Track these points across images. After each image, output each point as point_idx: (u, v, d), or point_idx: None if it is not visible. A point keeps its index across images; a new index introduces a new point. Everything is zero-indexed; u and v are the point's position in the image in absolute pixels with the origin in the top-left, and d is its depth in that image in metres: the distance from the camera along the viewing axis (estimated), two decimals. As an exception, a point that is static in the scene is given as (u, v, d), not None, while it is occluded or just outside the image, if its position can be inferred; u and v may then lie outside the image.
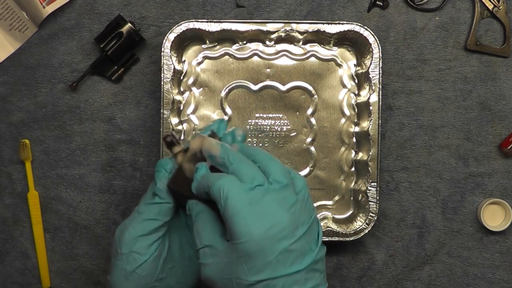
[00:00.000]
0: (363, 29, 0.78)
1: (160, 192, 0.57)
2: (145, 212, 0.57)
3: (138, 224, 0.56)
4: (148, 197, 0.58)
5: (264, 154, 0.54)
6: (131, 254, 0.56)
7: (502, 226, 0.82)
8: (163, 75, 0.78)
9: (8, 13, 0.82)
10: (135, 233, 0.56)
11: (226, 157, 0.53)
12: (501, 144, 0.82)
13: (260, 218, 0.48)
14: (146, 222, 0.56)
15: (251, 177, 0.50)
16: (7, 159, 0.83)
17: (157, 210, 0.56)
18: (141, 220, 0.56)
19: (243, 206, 0.48)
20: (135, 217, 0.57)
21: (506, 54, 0.82)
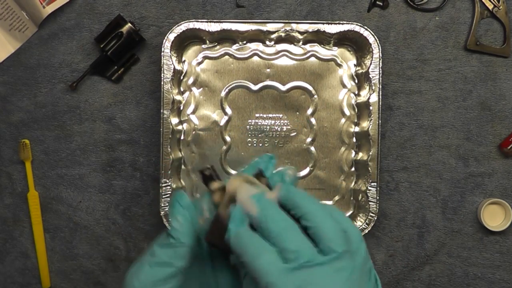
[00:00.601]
0: (363, 29, 0.78)
1: (174, 232, 0.48)
2: (158, 255, 0.48)
3: (149, 269, 0.48)
4: (161, 238, 0.50)
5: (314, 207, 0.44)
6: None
7: (502, 226, 0.82)
8: (163, 75, 0.78)
9: (8, 13, 0.82)
10: (145, 280, 0.47)
11: (264, 222, 0.43)
12: (501, 144, 0.82)
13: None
14: (159, 267, 0.48)
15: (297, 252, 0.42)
16: (7, 159, 0.83)
17: (172, 254, 0.48)
18: (153, 264, 0.48)
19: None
20: (146, 260, 0.49)
21: (506, 54, 0.82)
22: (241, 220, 0.45)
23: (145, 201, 0.83)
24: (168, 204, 0.78)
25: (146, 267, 0.48)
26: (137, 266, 0.49)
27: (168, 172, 0.77)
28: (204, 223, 0.49)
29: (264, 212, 0.44)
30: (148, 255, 0.49)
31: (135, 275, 0.48)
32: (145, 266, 0.48)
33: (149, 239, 0.83)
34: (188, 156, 0.82)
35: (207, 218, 0.48)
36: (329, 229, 0.43)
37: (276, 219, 0.43)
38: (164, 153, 0.77)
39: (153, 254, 0.48)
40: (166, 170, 0.77)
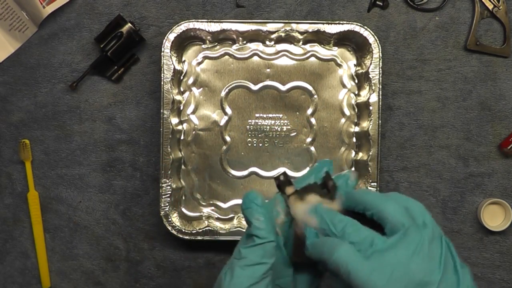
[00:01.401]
0: (363, 29, 0.78)
1: (258, 231, 0.49)
2: (248, 257, 0.48)
3: (243, 272, 0.48)
4: (244, 240, 0.50)
5: (374, 197, 0.47)
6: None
7: (502, 226, 0.82)
8: (163, 75, 0.78)
9: (8, 13, 0.82)
10: (242, 284, 0.47)
11: (327, 227, 0.47)
12: (501, 144, 0.82)
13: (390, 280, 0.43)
14: (252, 268, 0.48)
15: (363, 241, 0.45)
16: (7, 159, 0.83)
17: (261, 252, 0.48)
18: (245, 267, 0.48)
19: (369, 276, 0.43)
20: (236, 266, 0.48)
21: (506, 54, 0.82)
22: (314, 235, 0.48)
23: (145, 201, 0.83)
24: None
25: (239, 271, 0.48)
26: (228, 273, 0.49)
27: (168, 172, 0.77)
28: (282, 224, 0.51)
29: (323, 219, 0.47)
30: (237, 259, 0.49)
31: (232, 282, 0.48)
32: (238, 270, 0.48)
33: (149, 239, 0.83)
34: (188, 156, 0.82)
35: (283, 220, 0.51)
36: (390, 210, 0.46)
37: (335, 221, 0.47)
38: (164, 153, 0.77)
39: (241, 257, 0.49)
40: (166, 170, 0.77)
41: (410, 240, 0.44)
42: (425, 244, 0.44)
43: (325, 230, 0.47)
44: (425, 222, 0.46)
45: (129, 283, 0.84)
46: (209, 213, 0.82)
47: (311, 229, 0.48)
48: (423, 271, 0.43)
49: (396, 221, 0.45)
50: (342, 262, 0.44)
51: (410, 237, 0.44)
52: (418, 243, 0.44)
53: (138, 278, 0.84)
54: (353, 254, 0.44)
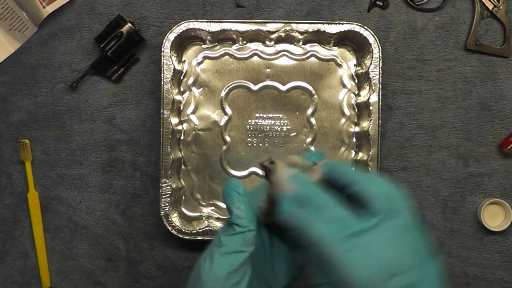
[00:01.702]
0: (363, 29, 0.78)
1: (239, 220, 0.49)
2: (228, 245, 0.48)
3: (222, 259, 0.48)
4: (225, 228, 0.50)
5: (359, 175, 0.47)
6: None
7: (502, 226, 0.82)
8: (163, 75, 0.78)
9: (8, 13, 0.82)
10: (221, 271, 0.48)
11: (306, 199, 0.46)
12: (501, 144, 0.82)
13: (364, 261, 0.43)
14: (231, 256, 0.48)
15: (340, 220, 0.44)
16: (7, 159, 0.83)
17: (241, 241, 0.49)
18: (224, 254, 0.48)
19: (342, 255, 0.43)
20: (216, 253, 0.49)
21: (506, 54, 0.82)
22: (288, 202, 0.47)
23: (145, 201, 0.83)
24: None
25: (218, 258, 0.48)
26: (207, 260, 0.49)
27: (168, 172, 0.77)
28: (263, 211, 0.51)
29: (302, 190, 0.47)
30: (217, 247, 0.49)
31: (211, 268, 0.48)
32: (218, 257, 0.48)
33: (149, 239, 0.83)
34: (188, 156, 0.82)
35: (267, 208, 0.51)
36: (374, 192, 0.45)
37: (314, 195, 0.46)
38: (164, 153, 0.77)
39: (222, 245, 0.49)
40: (166, 170, 0.77)
41: (388, 225, 0.44)
42: (402, 231, 0.44)
43: (303, 201, 0.46)
44: (404, 209, 0.46)
45: (129, 283, 0.84)
46: (209, 213, 0.82)
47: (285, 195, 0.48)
48: (397, 257, 0.43)
49: (378, 204, 0.45)
50: (317, 237, 0.44)
51: (388, 222, 0.44)
52: (396, 230, 0.44)
53: (138, 278, 0.84)
54: (328, 233, 0.44)
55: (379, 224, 0.44)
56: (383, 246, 0.43)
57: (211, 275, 0.48)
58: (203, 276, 0.48)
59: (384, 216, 0.44)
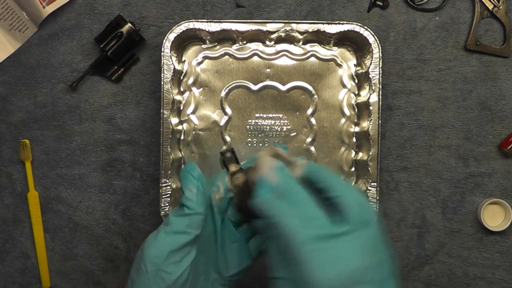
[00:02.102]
0: (363, 29, 0.78)
1: (188, 202, 0.51)
2: (174, 224, 0.50)
3: (166, 237, 0.50)
4: (177, 208, 0.52)
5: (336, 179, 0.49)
6: (158, 272, 0.49)
7: (502, 226, 0.82)
8: (163, 75, 0.78)
9: (8, 13, 0.82)
10: (162, 248, 0.49)
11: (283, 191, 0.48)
12: (501, 144, 0.82)
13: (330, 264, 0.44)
14: (175, 236, 0.50)
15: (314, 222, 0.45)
16: (7, 159, 0.83)
17: (187, 222, 0.50)
18: (169, 233, 0.50)
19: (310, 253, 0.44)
20: (162, 230, 0.51)
21: (506, 54, 0.82)
22: (268, 189, 0.49)
23: (145, 201, 0.83)
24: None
25: (163, 236, 0.50)
26: (154, 235, 0.51)
27: (168, 172, 0.77)
28: (219, 200, 0.53)
29: (283, 183, 0.48)
30: (164, 225, 0.51)
31: (153, 244, 0.50)
32: (162, 235, 0.50)
33: (149, 239, 0.83)
34: (188, 156, 0.82)
35: (222, 196, 0.52)
36: (352, 201, 0.47)
37: (293, 191, 0.47)
38: (164, 153, 0.77)
39: (169, 224, 0.51)
40: (166, 170, 0.77)
41: (358, 235, 0.45)
42: (370, 243, 0.46)
43: (282, 193, 0.48)
44: (374, 223, 0.47)
45: (129, 283, 0.84)
46: (209, 213, 0.82)
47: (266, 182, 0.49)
48: (362, 267, 0.44)
49: (352, 213, 0.46)
50: (290, 231, 0.45)
51: (359, 232, 0.46)
52: (365, 241, 0.45)
53: (138, 278, 0.84)
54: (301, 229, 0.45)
55: (350, 232, 0.45)
56: (350, 254, 0.44)
57: (152, 251, 0.49)
58: (146, 251, 0.49)
59: (356, 225, 0.46)
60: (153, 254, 0.49)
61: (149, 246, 0.50)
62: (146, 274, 0.49)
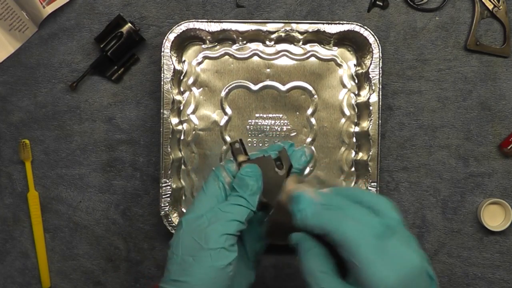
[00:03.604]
0: (363, 29, 0.78)
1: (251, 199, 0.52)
2: (234, 213, 0.51)
3: (227, 223, 0.51)
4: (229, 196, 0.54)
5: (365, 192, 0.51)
6: (221, 250, 0.49)
7: (502, 226, 0.82)
8: (163, 75, 0.78)
9: (8, 13, 0.82)
10: (223, 230, 0.50)
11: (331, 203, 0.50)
12: (501, 144, 0.82)
13: (394, 264, 0.45)
14: (234, 223, 0.51)
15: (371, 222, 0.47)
16: (7, 159, 0.83)
17: (246, 214, 0.52)
18: (228, 220, 0.51)
19: (375, 253, 0.45)
20: (221, 216, 0.51)
21: (506, 54, 0.82)
22: (310, 202, 0.50)
23: (145, 201, 0.83)
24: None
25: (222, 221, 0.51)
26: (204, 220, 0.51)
27: (168, 172, 0.77)
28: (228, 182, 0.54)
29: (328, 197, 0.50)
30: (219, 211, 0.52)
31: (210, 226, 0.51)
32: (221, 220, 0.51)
33: (149, 239, 0.83)
34: (188, 156, 0.82)
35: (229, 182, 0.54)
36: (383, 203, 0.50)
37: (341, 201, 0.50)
38: (164, 153, 0.77)
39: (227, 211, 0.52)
40: (166, 170, 0.77)
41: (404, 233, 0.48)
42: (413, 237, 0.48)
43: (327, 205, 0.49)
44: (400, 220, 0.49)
45: (129, 283, 0.84)
46: (209, 213, 0.82)
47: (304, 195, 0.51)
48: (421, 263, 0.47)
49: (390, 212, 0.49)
50: (352, 233, 0.46)
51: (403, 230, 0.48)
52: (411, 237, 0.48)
53: (138, 278, 0.84)
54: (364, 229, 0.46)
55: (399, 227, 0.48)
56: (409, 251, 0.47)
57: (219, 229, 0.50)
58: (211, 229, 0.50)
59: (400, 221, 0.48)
60: (217, 234, 0.50)
61: (212, 228, 0.50)
62: (208, 252, 0.49)
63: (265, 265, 0.82)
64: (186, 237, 0.51)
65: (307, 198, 0.51)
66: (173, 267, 0.51)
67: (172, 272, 0.51)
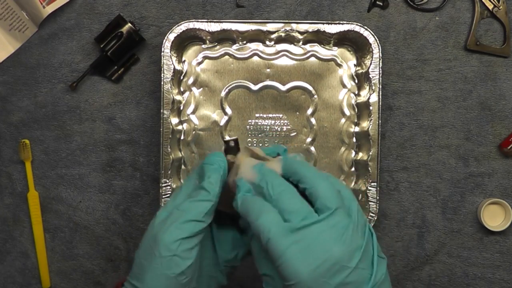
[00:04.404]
0: (363, 29, 0.78)
1: (211, 188, 0.50)
2: (191, 211, 0.49)
3: (182, 225, 0.49)
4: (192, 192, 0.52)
5: (311, 171, 0.48)
6: (173, 258, 0.48)
7: (502, 226, 0.82)
8: (163, 75, 0.78)
9: (8, 13, 0.82)
10: (178, 235, 0.48)
11: (265, 187, 0.47)
12: (501, 144, 0.82)
13: (308, 256, 0.44)
14: (191, 224, 0.49)
15: (295, 212, 0.45)
16: (7, 159, 0.83)
17: (205, 210, 0.49)
18: (185, 221, 0.49)
19: (287, 247, 0.44)
20: (176, 216, 0.50)
21: (506, 54, 0.82)
22: (247, 189, 0.49)
23: (145, 201, 0.83)
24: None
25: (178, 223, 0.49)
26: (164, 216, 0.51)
27: (168, 172, 0.77)
28: None
29: (264, 178, 0.48)
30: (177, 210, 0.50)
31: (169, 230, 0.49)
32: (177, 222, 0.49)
33: (149, 239, 0.83)
34: (188, 156, 0.82)
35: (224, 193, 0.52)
36: (323, 189, 0.46)
37: (275, 184, 0.47)
38: (164, 153, 0.77)
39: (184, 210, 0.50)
40: (166, 170, 0.77)
41: (336, 222, 0.45)
42: (349, 229, 0.45)
43: (262, 188, 0.47)
44: (352, 209, 0.47)
45: (129, 283, 0.84)
46: (209, 213, 0.82)
47: (245, 182, 0.49)
48: (342, 254, 0.44)
49: (326, 201, 0.46)
50: (265, 228, 0.45)
51: (337, 218, 0.45)
52: (344, 227, 0.45)
53: (138, 278, 0.84)
54: (277, 224, 0.45)
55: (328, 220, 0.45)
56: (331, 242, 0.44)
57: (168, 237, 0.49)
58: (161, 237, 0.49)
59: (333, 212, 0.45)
60: (168, 240, 0.48)
61: (164, 232, 0.49)
62: (159, 259, 0.48)
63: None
64: (146, 239, 0.51)
65: (244, 185, 0.49)
66: (134, 268, 0.51)
67: (132, 274, 0.51)
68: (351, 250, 0.44)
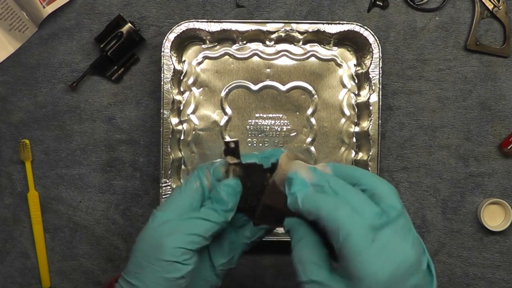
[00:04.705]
0: (363, 29, 0.78)
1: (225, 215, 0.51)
2: (200, 227, 0.50)
3: (188, 236, 0.49)
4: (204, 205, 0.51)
5: (366, 173, 0.47)
6: (174, 264, 0.48)
7: (502, 226, 0.82)
8: (163, 75, 0.78)
9: (8, 13, 0.82)
10: (183, 244, 0.49)
11: (327, 184, 0.46)
12: (501, 144, 0.82)
13: (385, 257, 0.42)
14: (197, 237, 0.49)
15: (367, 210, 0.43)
16: (7, 159, 0.83)
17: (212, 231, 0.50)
18: (192, 234, 0.49)
19: (369, 245, 0.42)
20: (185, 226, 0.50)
21: (506, 54, 0.82)
22: (304, 184, 0.47)
23: (145, 201, 0.83)
24: None
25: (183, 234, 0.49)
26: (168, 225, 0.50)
27: (168, 172, 0.77)
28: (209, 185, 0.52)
29: (324, 177, 0.46)
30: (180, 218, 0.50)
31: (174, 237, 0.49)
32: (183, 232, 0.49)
33: (149, 239, 0.83)
34: (188, 156, 0.82)
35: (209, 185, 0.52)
36: (386, 190, 0.45)
37: (337, 183, 0.46)
38: (164, 153, 0.77)
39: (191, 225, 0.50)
40: (166, 170, 0.77)
41: (403, 223, 0.44)
42: (413, 230, 0.44)
43: (322, 187, 0.46)
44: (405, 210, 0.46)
45: (129, 283, 0.84)
46: (209, 213, 0.82)
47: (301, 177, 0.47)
48: (416, 257, 0.43)
49: (392, 202, 0.44)
50: (345, 222, 0.43)
51: (403, 220, 0.44)
52: (409, 229, 0.44)
53: (138, 278, 0.83)
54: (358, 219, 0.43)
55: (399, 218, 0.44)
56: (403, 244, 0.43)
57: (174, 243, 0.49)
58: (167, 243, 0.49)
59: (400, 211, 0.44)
60: (173, 247, 0.48)
61: (169, 238, 0.49)
62: (161, 263, 0.48)
63: (265, 265, 0.82)
64: (146, 239, 0.50)
65: (299, 180, 0.47)
66: (130, 266, 0.50)
67: (128, 271, 0.50)
68: (419, 253, 0.43)
